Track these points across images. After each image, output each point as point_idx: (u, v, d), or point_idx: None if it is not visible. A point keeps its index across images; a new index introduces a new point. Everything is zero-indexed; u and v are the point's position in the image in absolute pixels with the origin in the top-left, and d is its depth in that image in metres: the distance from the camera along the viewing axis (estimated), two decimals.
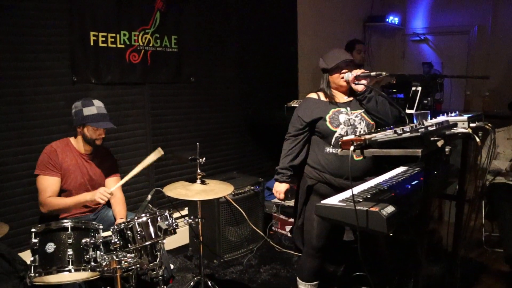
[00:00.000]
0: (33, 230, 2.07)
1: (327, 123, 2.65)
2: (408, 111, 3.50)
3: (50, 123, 3.28)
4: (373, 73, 2.64)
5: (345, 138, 1.86)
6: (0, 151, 3.06)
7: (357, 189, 2.15)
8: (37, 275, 2.01)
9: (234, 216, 3.86)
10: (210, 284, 2.95)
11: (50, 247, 2.03)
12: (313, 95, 2.82)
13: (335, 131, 2.64)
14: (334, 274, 3.16)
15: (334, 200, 2.04)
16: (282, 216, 4.32)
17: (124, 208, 2.94)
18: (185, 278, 3.55)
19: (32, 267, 2.02)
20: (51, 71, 3.26)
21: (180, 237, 4.10)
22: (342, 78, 2.68)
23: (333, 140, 2.65)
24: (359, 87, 2.67)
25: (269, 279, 3.55)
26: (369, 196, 2.01)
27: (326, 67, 2.71)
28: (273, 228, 4.38)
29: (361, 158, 2.55)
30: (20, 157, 3.15)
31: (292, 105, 4.20)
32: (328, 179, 2.67)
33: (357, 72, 2.65)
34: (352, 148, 1.77)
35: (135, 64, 3.72)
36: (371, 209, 1.80)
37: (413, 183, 2.20)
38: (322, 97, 2.78)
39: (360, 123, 2.67)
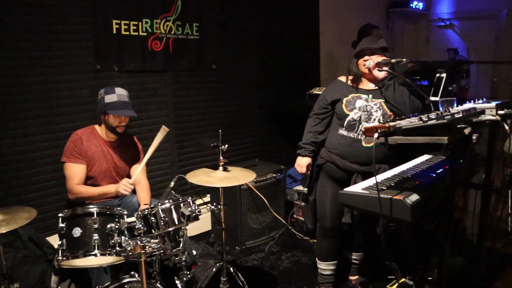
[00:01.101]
0: (60, 215, 2.12)
1: (343, 105, 2.71)
2: (432, 98, 3.43)
3: (75, 111, 3.34)
4: (393, 60, 2.61)
5: (368, 125, 1.84)
6: (27, 138, 3.14)
7: (380, 177, 2.13)
8: (64, 258, 2.07)
9: (256, 203, 3.87)
10: (232, 270, 2.98)
11: (77, 231, 2.08)
12: (342, 78, 2.87)
13: (348, 115, 2.69)
14: (354, 262, 3.15)
15: (357, 188, 2.03)
16: (303, 204, 4.31)
17: (148, 194, 2.98)
18: (207, 264, 3.60)
19: (60, 251, 2.07)
20: (75, 60, 3.31)
21: (202, 224, 4.15)
22: (364, 65, 2.68)
23: (345, 123, 2.70)
24: (381, 74, 2.64)
25: (290, 266, 3.57)
26: (393, 184, 1.99)
27: (354, 53, 2.74)
28: (295, 215, 4.37)
29: (370, 145, 2.62)
30: (46, 144, 3.23)
31: (314, 92, 4.17)
32: (334, 159, 2.73)
33: (378, 59, 2.62)
34: (376, 135, 1.74)
35: (157, 52, 3.74)
36: (395, 197, 1.78)
37: (438, 171, 2.16)
38: (349, 81, 2.82)
39: (377, 111, 2.67)
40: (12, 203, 2.99)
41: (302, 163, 2.93)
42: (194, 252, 3.52)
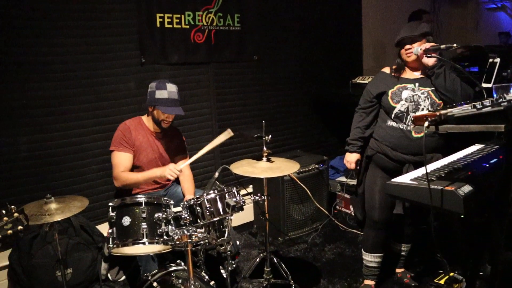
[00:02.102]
0: (110, 204, 2.19)
1: (389, 98, 2.65)
2: (484, 85, 3.28)
3: (121, 103, 3.43)
4: (443, 46, 2.49)
5: (418, 113, 1.78)
6: (77, 130, 3.27)
7: (429, 167, 2.06)
8: (114, 246, 2.13)
9: (299, 194, 3.86)
10: (275, 260, 2.99)
11: (126, 220, 2.14)
12: (385, 69, 2.81)
13: (395, 107, 2.62)
14: (402, 254, 3.09)
15: (405, 178, 1.97)
16: (346, 195, 4.26)
17: (192, 185, 3.03)
18: (250, 255, 3.63)
19: (110, 239, 2.14)
20: (121, 54, 3.40)
21: (245, 215, 4.18)
22: (407, 54, 2.60)
23: (393, 115, 2.64)
24: (430, 61, 2.54)
25: (333, 258, 3.54)
26: (443, 175, 1.92)
27: (397, 41, 2.65)
28: (337, 207, 4.34)
29: (421, 135, 2.55)
30: (95, 136, 3.35)
31: (357, 81, 4.08)
32: (385, 150, 2.68)
33: (426, 45, 2.53)
34: (426, 123, 1.68)
35: (200, 44, 3.78)
36: (446, 188, 1.71)
37: (492, 161, 2.06)
38: (393, 72, 2.74)
39: (424, 100, 2.58)
40: (64, 193, 3.11)
41: (351, 159, 2.90)
42: (238, 242, 3.56)
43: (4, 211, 1.84)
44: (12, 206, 1.86)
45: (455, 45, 2.50)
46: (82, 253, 3.11)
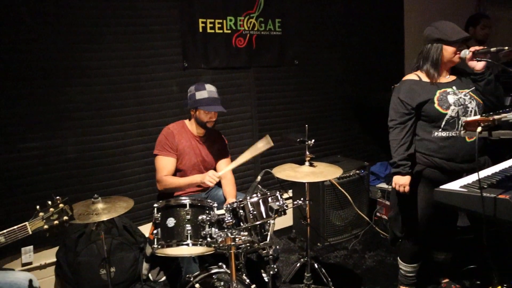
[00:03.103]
0: (155, 205, 2.24)
1: (436, 105, 2.48)
2: None
3: (164, 107, 3.51)
4: (493, 49, 2.39)
5: (469, 118, 1.73)
6: (121, 133, 3.36)
7: (480, 175, 1.99)
8: (159, 246, 2.18)
9: (339, 200, 3.82)
10: (316, 266, 2.97)
11: (171, 222, 2.18)
12: (412, 76, 2.63)
13: (445, 113, 2.46)
14: (442, 263, 2.99)
15: (454, 185, 1.93)
16: (387, 202, 4.18)
17: (234, 188, 3.06)
18: (289, 259, 3.62)
19: (155, 239, 2.19)
20: (164, 58, 3.48)
21: (284, 219, 4.16)
22: (458, 54, 2.49)
23: (443, 123, 2.48)
24: (478, 65, 2.46)
25: (374, 265, 3.49)
26: (495, 183, 1.87)
27: (446, 39, 2.48)
28: (378, 214, 4.26)
29: (473, 139, 2.43)
30: (138, 139, 3.44)
31: None
32: (439, 163, 2.52)
33: (475, 48, 2.44)
34: (479, 129, 1.64)
35: (241, 49, 3.81)
36: (500, 196, 1.66)
37: None
38: (424, 78, 2.58)
39: (470, 102, 2.49)
40: (107, 194, 3.20)
41: (404, 182, 2.59)
42: (277, 247, 3.56)
43: (50, 202, 1.93)
44: (58, 197, 1.95)
45: (506, 48, 2.40)
46: (124, 252, 3.19)
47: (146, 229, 3.45)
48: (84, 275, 3.04)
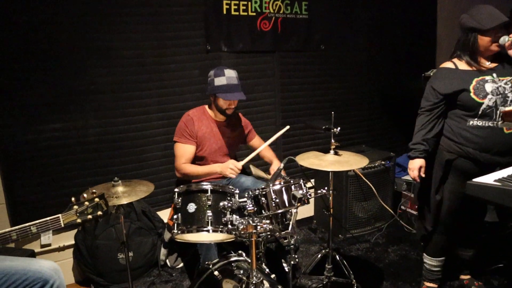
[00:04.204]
0: (176, 190, 2.24)
1: (471, 94, 2.42)
2: None
3: (186, 91, 3.51)
4: None
5: (508, 108, 1.68)
6: (141, 117, 3.38)
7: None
8: (179, 232, 2.18)
9: (362, 191, 3.79)
10: (338, 258, 2.95)
11: (191, 207, 2.18)
12: (448, 64, 2.58)
13: (482, 103, 2.40)
14: (467, 260, 2.94)
15: (488, 179, 1.88)
16: (412, 195, 4.12)
17: (274, 154, 3.27)
18: (309, 250, 3.61)
19: (175, 225, 2.19)
20: (187, 41, 3.47)
21: (305, 209, 4.16)
22: (495, 42, 2.41)
23: (479, 112, 2.42)
24: None
25: (397, 260, 3.45)
26: None
27: (480, 27, 2.41)
28: (402, 207, 4.20)
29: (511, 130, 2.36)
30: (159, 123, 3.45)
31: (431, 74, 3.91)
32: (473, 154, 2.46)
33: None
34: None
35: (266, 32, 3.78)
36: None
37: None
38: (461, 65, 2.53)
39: (511, 91, 2.40)
40: (127, 177, 3.23)
41: (413, 166, 2.62)
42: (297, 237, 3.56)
43: (85, 195, 1.93)
44: (93, 190, 1.95)
45: None
46: (143, 237, 3.23)
47: (164, 215, 3.49)
48: (102, 258, 3.10)
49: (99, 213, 1.96)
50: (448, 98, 2.52)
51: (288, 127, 2.83)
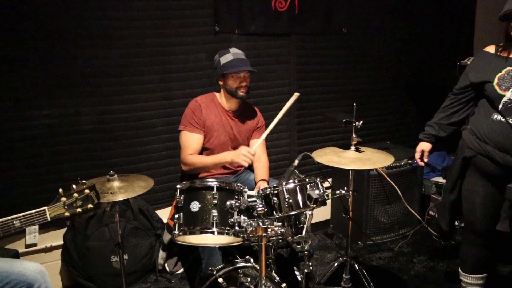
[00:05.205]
0: (178, 187, 2.25)
1: (494, 84, 2.43)
2: None
3: (191, 76, 3.53)
4: None
5: None
6: (142, 104, 3.41)
7: None
8: (181, 233, 2.19)
9: (386, 193, 3.80)
10: (357, 267, 2.96)
11: (195, 206, 2.19)
12: (489, 48, 2.60)
13: (503, 95, 2.39)
14: (507, 277, 2.93)
15: None
16: (439, 200, 4.12)
17: (267, 172, 3.07)
18: (324, 258, 3.63)
19: (176, 225, 2.20)
20: (193, 20, 3.48)
21: (320, 212, 4.16)
22: None
23: (500, 105, 2.41)
24: None
25: (424, 272, 3.46)
26: None
27: (507, 12, 2.39)
28: (431, 212, 4.21)
29: None
30: (161, 112, 3.48)
31: (467, 63, 3.90)
32: (490, 152, 2.47)
33: None
34: None
35: (281, 12, 3.78)
36: None
37: None
38: (503, 51, 2.52)
39: None
40: (124, 171, 3.27)
41: (417, 148, 2.86)
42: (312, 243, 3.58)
43: (74, 186, 1.95)
44: (84, 181, 1.97)
45: None
46: (139, 239, 3.26)
47: (164, 214, 3.51)
48: (94, 261, 3.13)
49: (90, 206, 1.97)
50: (475, 86, 2.56)
51: (297, 94, 2.77)
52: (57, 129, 3.15)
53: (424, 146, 2.79)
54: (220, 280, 2.42)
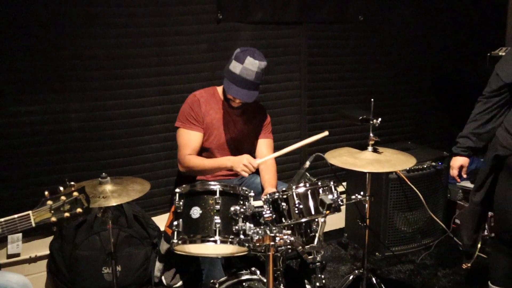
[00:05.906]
0: (177, 190, 2.26)
1: None
2: None
3: (191, 69, 3.53)
4: None
5: None
6: (137, 99, 3.41)
7: None
8: (180, 242, 2.20)
9: (407, 198, 3.80)
10: (374, 281, 2.96)
11: (196, 212, 2.20)
12: None
13: None
14: None
15: None
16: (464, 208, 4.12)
17: (275, 176, 3.07)
18: (338, 270, 3.64)
19: (175, 233, 2.21)
20: (194, 7, 3.48)
21: (334, 219, 4.16)
22: None
23: None
24: None
25: (449, 286, 3.45)
26: None
27: None
28: (457, 220, 4.20)
29: None
30: (157, 108, 3.49)
31: (499, 54, 3.90)
32: None
33: None
34: None
35: None
36: None
37: None
38: None
39: None
40: (117, 173, 3.26)
41: (453, 164, 2.84)
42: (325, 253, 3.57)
43: (62, 189, 1.94)
44: (72, 183, 1.97)
45: None
46: (133, 248, 3.26)
47: (161, 221, 3.52)
48: (83, 272, 3.13)
49: (79, 210, 1.95)
50: (510, 87, 2.55)
51: (326, 132, 2.74)
52: (42, 127, 3.15)
53: (462, 161, 2.79)
54: None
